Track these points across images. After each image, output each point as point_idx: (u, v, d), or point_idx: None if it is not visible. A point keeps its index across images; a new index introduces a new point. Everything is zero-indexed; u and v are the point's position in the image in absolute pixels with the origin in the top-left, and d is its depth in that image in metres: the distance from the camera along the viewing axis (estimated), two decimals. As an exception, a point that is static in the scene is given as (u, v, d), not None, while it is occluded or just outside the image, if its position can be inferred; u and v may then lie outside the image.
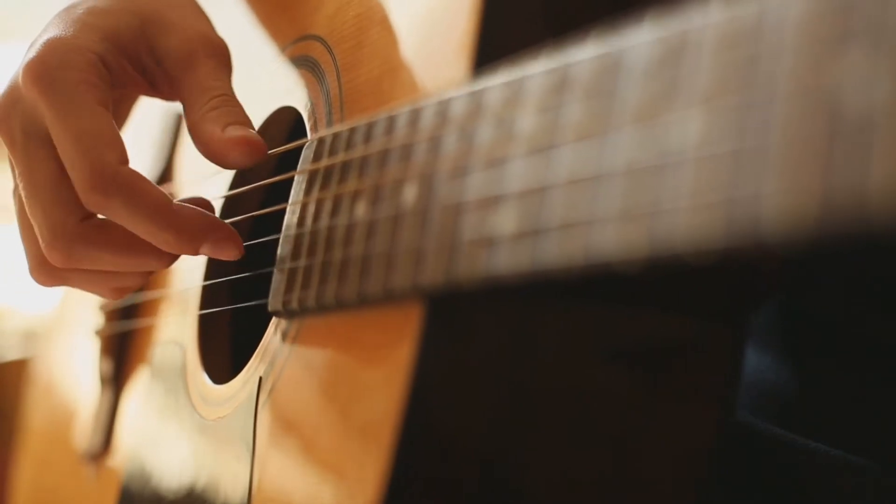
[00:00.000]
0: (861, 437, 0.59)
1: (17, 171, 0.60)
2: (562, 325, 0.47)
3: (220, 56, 0.61)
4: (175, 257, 0.59)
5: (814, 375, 0.62)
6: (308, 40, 0.64)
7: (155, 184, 0.58)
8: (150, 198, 0.56)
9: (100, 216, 0.59)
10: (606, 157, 0.37)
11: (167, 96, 0.64)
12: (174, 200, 0.58)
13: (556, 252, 0.39)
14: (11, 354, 1.68)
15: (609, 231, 0.36)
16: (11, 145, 0.60)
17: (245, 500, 0.56)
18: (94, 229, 0.58)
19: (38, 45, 0.59)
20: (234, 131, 0.57)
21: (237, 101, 0.59)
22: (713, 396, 0.50)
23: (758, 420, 0.61)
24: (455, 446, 0.46)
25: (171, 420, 0.69)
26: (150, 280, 0.68)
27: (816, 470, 0.58)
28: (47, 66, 0.57)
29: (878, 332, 0.59)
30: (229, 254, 0.58)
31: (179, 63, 0.61)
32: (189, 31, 0.61)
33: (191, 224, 0.57)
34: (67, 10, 0.62)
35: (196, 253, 0.58)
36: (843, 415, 0.60)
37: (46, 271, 0.62)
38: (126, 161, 0.57)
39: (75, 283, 0.62)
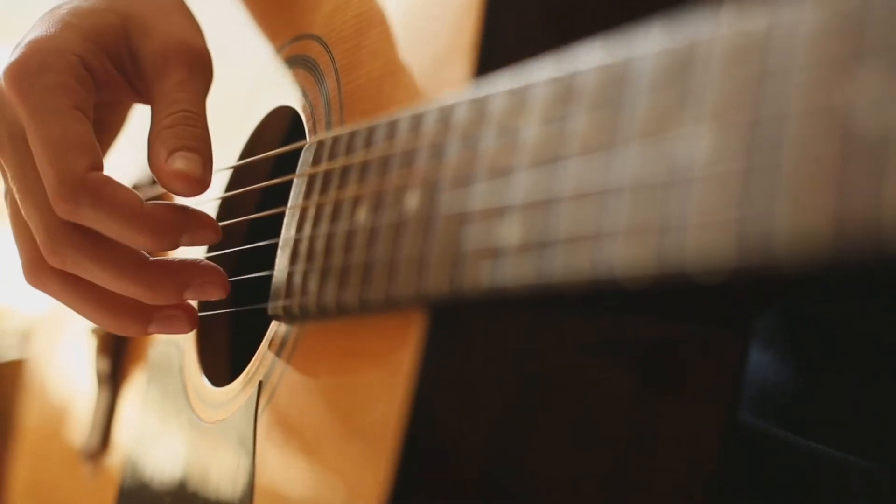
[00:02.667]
0: (862, 437, 0.59)
1: (9, 174, 0.60)
2: (565, 330, 0.47)
3: (195, 65, 0.60)
4: (157, 297, 0.58)
5: (814, 375, 0.62)
6: (306, 40, 0.63)
7: (129, 186, 0.57)
8: (119, 201, 0.55)
9: None
10: (613, 171, 0.37)
11: (145, 101, 0.63)
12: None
13: (561, 265, 0.38)
14: (11, 354, 1.67)
15: (616, 246, 0.36)
16: (0, 148, 0.59)
17: (246, 505, 0.56)
18: (88, 236, 0.58)
19: (20, 48, 0.58)
20: (177, 163, 0.57)
21: (197, 119, 0.58)
22: (718, 399, 0.50)
23: (758, 420, 0.61)
24: (457, 451, 0.46)
25: (169, 420, 0.69)
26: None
27: (817, 470, 0.58)
28: (26, 70, 0.57)
29: (880, 331, 0.59)
30: (208, 238, 0.58)
31: (152, 69, 0.60)
32: (168, 36, 0.60)
33: (163, 221, 0.56)
34: (52, 11, 0.61)
35: (176, 247, 0.57)
36: (843, 415, 0.60)
37: (39, 275, 0.61)
38: (97, 167, 0.56)
39: (63, 296, 0.61)
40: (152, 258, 0.59)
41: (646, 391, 0.48)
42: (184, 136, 0.57)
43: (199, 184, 0.57)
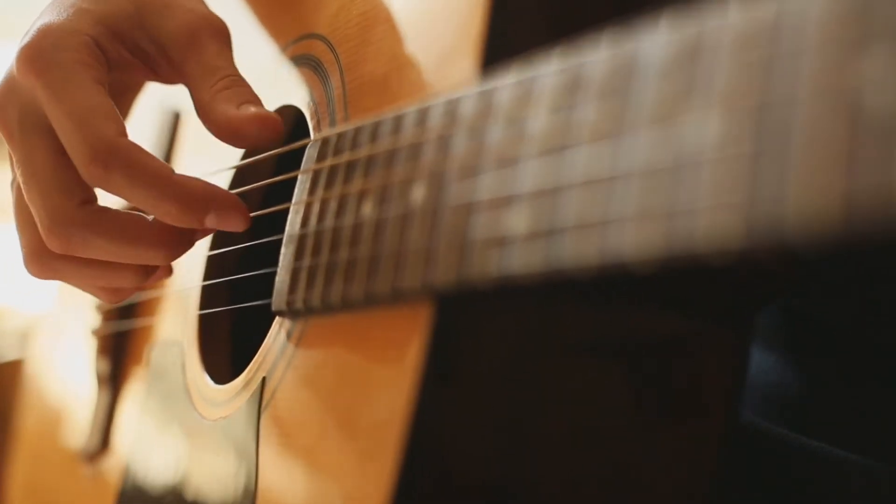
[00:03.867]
0: (864, 437, 0.59)
1: (14, 160, 0.60)
2: (567, 328, 0.47)
3: (222, 36, 0.61)
4: (172, 253, 0.59)
5: (817, 375, 0.62)
6: (310, 39, 0.64)
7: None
8: (151, 168, 0.55)
9: (99, 203, 0.59)
10: (622, 158, 0.37)
11: (169, 80, 0.63)
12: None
13: (570, 252, 0.38)
14: (11, 354, 1.68)
15: (625, 231, 0.36)
16: (9, 135, 0.60)
17: (249, 502, 0.56)
18: (92, 214, 0.58)
19: (31, 32, 0.59)
20: (251, 109, 0.57)
21: (245, 82, 0.59)
22: (719, 398, 0.50)
23: (761, 420, 0.61)
24: (462, 449, 0.46)
25: (171, 419, 0.69)
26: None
27: (819, 470, 0.58)
28: (41, 50, 0.57)
29: (882, 332, 0.60)
30: (235, 224, 0.57)
31: (182, 45, 0.60)
32: (191, 13, 0.61)
33: (193, 193, 0.56)
34: None
35: (201, 224, 0.56)
36: (846, 415, 0.60)
37: (41, 262, 0.61)
38: (124, 134, 0.56)
39: (70, 276, 0.62)
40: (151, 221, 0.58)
41: (646, 391, 0.48)
42: (243, 94, 0.58)
43: (276, 126, 0.57)
